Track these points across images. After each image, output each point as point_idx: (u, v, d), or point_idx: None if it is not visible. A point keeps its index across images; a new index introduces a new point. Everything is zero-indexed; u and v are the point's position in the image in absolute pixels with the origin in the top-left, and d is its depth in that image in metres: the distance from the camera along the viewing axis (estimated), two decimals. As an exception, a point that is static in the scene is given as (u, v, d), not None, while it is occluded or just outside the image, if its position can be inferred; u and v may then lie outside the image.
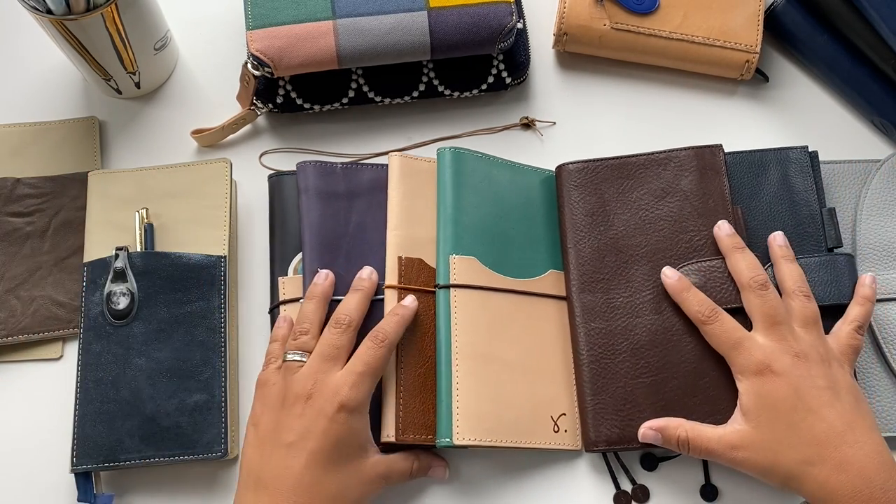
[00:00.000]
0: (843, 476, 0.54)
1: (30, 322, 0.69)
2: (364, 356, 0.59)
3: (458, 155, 0.69)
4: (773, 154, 0.70)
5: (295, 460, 0.55)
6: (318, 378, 0.58)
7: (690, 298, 0.62)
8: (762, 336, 0.59)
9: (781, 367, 0.57)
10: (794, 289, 0.61)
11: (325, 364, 0.58)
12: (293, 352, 0.60)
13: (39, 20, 0.65)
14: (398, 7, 0.70)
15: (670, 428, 0.60)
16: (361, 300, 0.62)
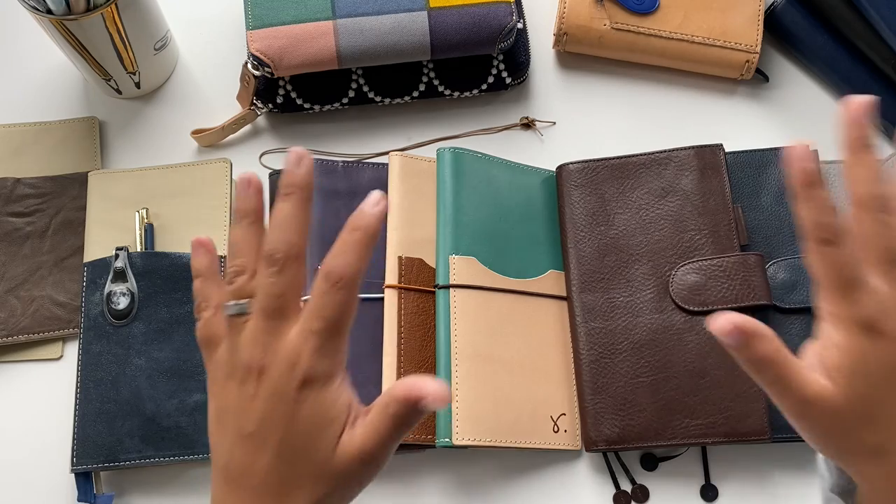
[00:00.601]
0: None
1: (30, 322, 0.68)
2: (319, 307, 0.42)
3: (458, 155, 0.69)
4: (774, 153, 0.70)
5: (258, 456, 0.43)
6: (266, 343, 0.42)
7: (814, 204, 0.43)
8: (878, 278, 0.42)
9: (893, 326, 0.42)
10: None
11: (270, 323, 0.42)
12: (231, 303, 0.44)
13: (39, 20, 0.65)
14: (398, 7, 0.70)
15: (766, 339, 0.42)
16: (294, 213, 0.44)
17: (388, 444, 0.43)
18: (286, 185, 0.43)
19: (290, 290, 0.43)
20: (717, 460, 0.66)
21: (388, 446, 0.43)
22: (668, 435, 0.63)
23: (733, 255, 0.65)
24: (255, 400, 0.43)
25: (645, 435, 0.63)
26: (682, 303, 0.65)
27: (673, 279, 0.66)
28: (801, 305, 0.65)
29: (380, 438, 0.42)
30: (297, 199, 0.43)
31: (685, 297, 0.65)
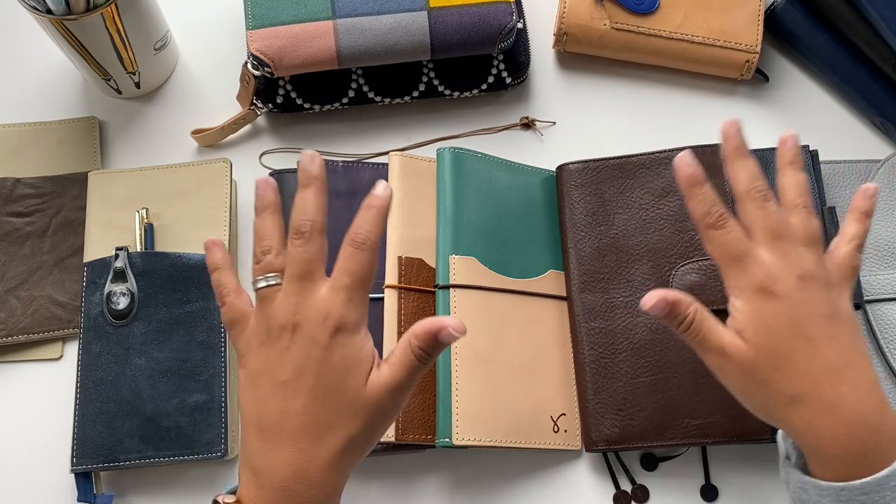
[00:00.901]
0: (834, 416, 0.49)
1: (30, 322, 0.68)
2: (347, 266, 0.48)
3: (458, 155, 0.69)
4: (774, 154, 0.69)
5: (293, 401, 0.47)
6: (299, 302, 0.48)
7: (700, 196, 0.52)
8: (764, 250, 0.51)
9: (784, 288, 0.50)
10: (797, 202, 0.53)
11: (300, 284, 0.48)
12: (262, 277, 0.50)
13: (39, 20, 0.65)
14: (398, 7, 0.70)
15: (683, 304, 0.51)
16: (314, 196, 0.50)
17: (413, 376, 0.48)
18: (304, 178, 0.50)
19: (316, 257, 0.49)
20: (717, 460, 0.66)
21: (412, 379, 0.49)
22: (669, 435, 0.63)
23: (733, 255, 0.65)
24: (290, 351, 0.48)
25: (645, 435, 0.63)
26: (683, 303, 0.65)
27: (673, 279, 0.66)
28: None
29: (405, 371, 0.48)
30: (315, 188, 0.50)
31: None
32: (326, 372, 0.47)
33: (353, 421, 0.48)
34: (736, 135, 0.54)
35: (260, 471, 0.48)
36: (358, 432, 0.48)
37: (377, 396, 0.48)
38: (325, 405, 0.47)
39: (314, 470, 0.47)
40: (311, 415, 0.47)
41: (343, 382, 0.47)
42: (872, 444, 0.48)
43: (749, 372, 0.51)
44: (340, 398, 0.47)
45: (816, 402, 0.49)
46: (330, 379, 0.47)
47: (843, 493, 0.48)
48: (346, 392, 0.47)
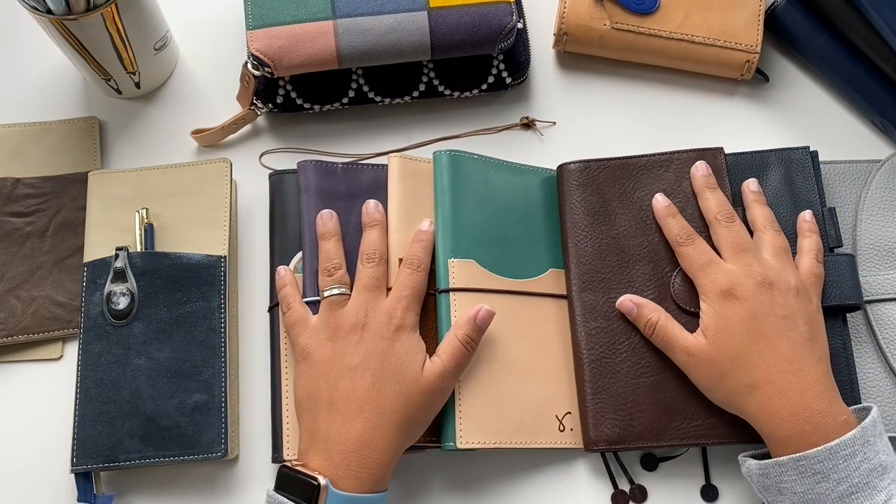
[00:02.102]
0: (784, 400, 0.57)
1: (30, 322, 0.68)
2: (406, 282, 0.63)
3: (455, 157, 0.69)
4: (775, 155, 0.70)
5: (361, 381, 0.58)
6: (368, 307, 0.61)
7: (673, 223, 0.66)
8: (730, 262, 0.62)
9: (744, 292, 0.60)
10: (765, 225, 0.65)
11: (370, 294, 0.62)
12: (333, 287, 0.63)
13: (39, 20, 0.65)
14: (398, 7, 0.70)
15: (647, 308, 0.64)
16: (381, 233, 0.65)
17: (459, 362, 0.61)
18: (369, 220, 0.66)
19: (382, 275, 0.64)
20: (717, 460, 0.66)
21: (459, 365, 0.61)
22: (669, 435, 0.63)
23: (733, 256, 0.65)
24: (360, 343, 0.60)
25: (645, 435, 0.63)
26: (683, 304, 0.65)
27: (673, 280, 0.66)
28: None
29: (453, 358, 0.61)
30: (379, 227, 0.66)
31: (686, 298, 0.65)
32: (390, 359, 0.59)
33: (412, 401, 0.59)
34: (704, 172, 0.67)
35: (329, 438, 0.57)
36: (415, 411, 0.59)
37: (431, 380, 0.60)
38: (389, 385, 0.58)
39: (378, 437, 0.57)
40: (377, 391, 0.58)
41: (403, 368, 0.59)
42: (820, 425, 0.56)
43: (711, 365, 0.61)
44: (401, 381, 0.59)
45: (768, 387, 0.58)
46: (393, 365, 0.59)
47: (800, 464, 0.55)
48: (406, 377, 0.59)
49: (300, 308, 0.63)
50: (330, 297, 0.62)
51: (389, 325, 0.60)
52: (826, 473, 0.55)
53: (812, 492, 0.55)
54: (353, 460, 0.56)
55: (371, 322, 0.60)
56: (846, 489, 0.54)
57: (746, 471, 0.59)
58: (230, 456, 0.64)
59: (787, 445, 0.57)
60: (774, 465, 0.57)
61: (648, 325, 0.64)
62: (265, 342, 0.68)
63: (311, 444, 0.58)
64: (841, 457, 0.55)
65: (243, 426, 0.67)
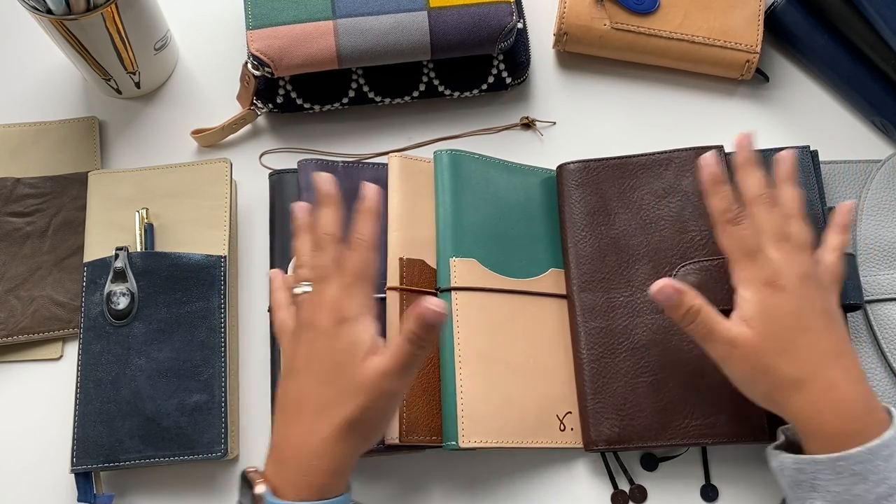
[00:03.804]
0: (831, 396, 0.54)
1: (30, 322, 0.68)
2: (348, 265, 0.55)
3: (455, 157, 0.69)
4: (775, 154, 0.69)
5: (304, 384, 0.54)
6: (314, 302, 0.56)
7: (723, 193, 0.59)
8: (773, 250, 0.58)
9: (789, 284, 0.56)
10: (795, 213, 0.60)
11: (317, 287, 0.56)
12: (296, 286, 0.58)
13: (39, 20, 0.65)
14: (398, 7, 0.70)
15: (690, 295, 0.57)
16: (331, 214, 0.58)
17: (406, 361, 0.53)
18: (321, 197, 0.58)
19: (327, 263, 0.56)
20: (717, 460, 0.66)
21: (406, 365, 0.53)
22: (669, 435, 0.63)
23: (733, 256, 0.65)
24: (305, 343, 0.55)
25: (645, 435, 0.63)
26: (683, 303, 0.65)
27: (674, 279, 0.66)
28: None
29: (398, 355, 0.53)
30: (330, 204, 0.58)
31: (685, 297, 0.65)
32: (329, 357, 0.54)
33: (352, 401, 0.52)
34: (748, 146, 0.61)
35: (277, 444, 0.54)
36: (356, 412, 0.52)
37: (372, 378, 0.53)
38: (329, 385, 0.53)
39: (317, 442, 0.52)
40: (316, 394, 0.53)
41: (343, 366, 0.53)
42: (863, 423, 0.53)
43: (754, 357, 0.56)
44: (341, 379, 0.53)
45: (815, 383, 0.54)
46: (332, 363, 0.53)
47: (839, 464, 0.52)
48: (345, 375, 0.53)
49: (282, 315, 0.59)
50: (297, 296, 0.58)
51: (331, 319, 0.54)
52: (865, 475, 0.52)
53: (849, 492, 0.52)
54: (291, 467, 0.52)
55: (315, 318, 0.55)
56: (885, 491, 0.51)
57: (779, 465, 0.56)
58: (230, 456, 0.64)
59: (829, 445, 0.53)
60: (811, 462, 0.53)
61: (691, 312, 0.57)
62: (265, 342, 0.68)
63: (269, 450, 0.55)
64: (881, 457, 0.52)
65: (243, 426, 0.67)
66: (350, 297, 0.55)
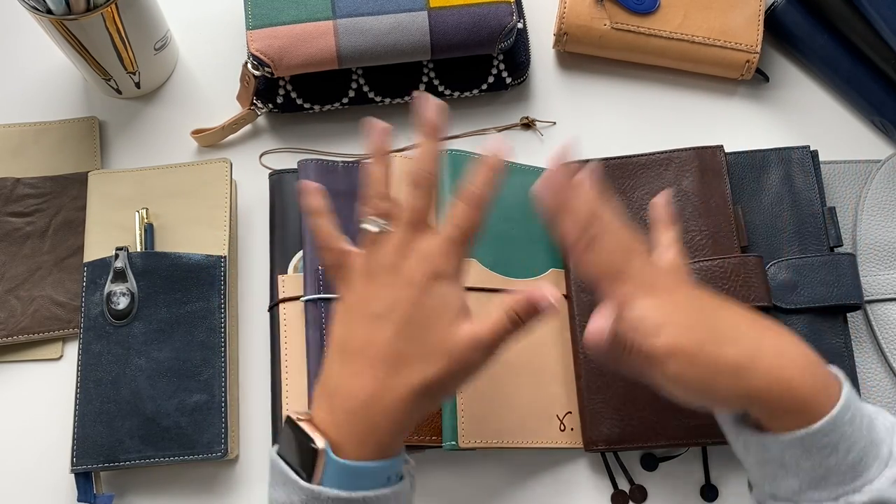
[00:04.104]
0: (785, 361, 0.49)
1: (30, 322, 0.68)
2: (457, 219, 0.52)
3: (456, 157, 0.69)
4: (775, 154, 0.70)
5: (380, 332, 0.50)
6: (405, 247, 0.51)
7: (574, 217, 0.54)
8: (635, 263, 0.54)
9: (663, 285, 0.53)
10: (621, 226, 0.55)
11: (411, 233, 0.52)
12: (374, 220, 0.53)
13: (39, 20, 0.65)
14: (398, 7, 0.70)
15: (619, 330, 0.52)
16: (434, 150, 0.53)
17: (498, 336, 0.50)
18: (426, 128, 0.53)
19: (428, 207, 0.52)
20: (717, 460, 0.66)
21: (498, 339, 0.50)
22: (668, 435, 0.63)
23: (733, 257, 0.65)
24: (388, 287, 0.51)
25: (645, 435, 0.63)
26: (683, 303, 0.65)
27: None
28: (802, 306, 0.65)
29: (492, 329, 0.50)
30: (434, 138, 0.53)
31: (685, 297, 0.65)
32: (417, 312, 0.50)
33: (433, 363, 0.49)
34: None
35: (335, 392, 0.50)
36: (434, 376, 0.49)
37: (460, 345, 0.50)
38: (410, 342, 0.49)
39: (387, 401, 0.49)
40: (394, 348, 0.49)
41: (430, 325, 0.50)
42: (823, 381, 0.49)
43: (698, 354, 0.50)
44: (425, 338, 0.50)
45: (766, 353, 0.50)
46: (419, 319, 0.50)
47: (805, 441, 0.48)
48: (432, 334, 0.50)
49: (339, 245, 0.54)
50: (367, 231, 0.53)
51: (425, 272, 0.50)
52: (834, 445, 0.48)
53: (822, 466, 0.48)
54: (357, 423, 0.48)
55: (405, 265, 0.51)
56: (856, 456, 0.48)
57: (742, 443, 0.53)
58: (230, 456, 0.64)
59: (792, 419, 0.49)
60: (775, 442, 0.49)
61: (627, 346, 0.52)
62: (265, 342, 0.68)
63: (320, 393, 0.51)
64: (845, 422, 0.48)
65: (243, 426, 0.67)
66: (448, 255, 0.51)
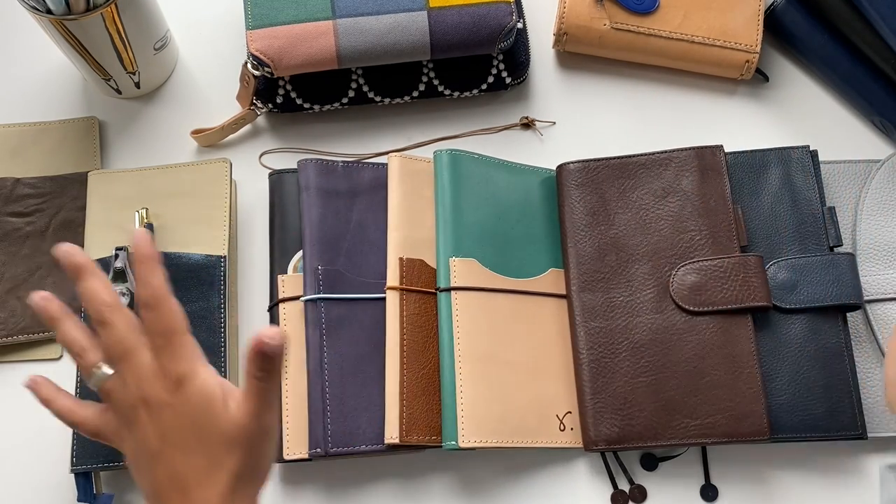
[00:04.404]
0: None
1: (30, 322, 0.68)
2: (154, 328, 0.50)
3: (455, 157, 0.69)
4: (775, 154, 0.70)
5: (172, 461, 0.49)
6: (134, 379, 0.50)
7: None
8: None
9: None
10: None
11: (126, 364, 0.50)
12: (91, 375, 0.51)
13: (39, 20, 0.65)
14: (398, 7, 0.70)
15: None
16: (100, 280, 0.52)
17: (264, 398, 0.49)
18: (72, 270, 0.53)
19: (125, 334, 0.50)
20: (717, 460, 0.66)
21: (266, 401, 0.49)
22: (668, 435, 0.63)
23: (733, 257, 0.65)
24: (149, 424, 0.49)
25: (645, 435, 0.63)
26: (683, 303, 0.65)
27: (673, 279, 0.66)
28: (802, 306, 0.65)
29: (254, 396, 0.49)
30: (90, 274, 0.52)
31: (685, 297, 0.65)
32: (187, 422, 0.49)
33: (230, 456, 0.49)
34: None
35: None
36: (239, 465, 0.49)
37: (240, 424, 0.49)
38: (198, 453, 0.49)
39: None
40: (191, 465, 0.49)
41: (203, 427, 0.49)
42: None
43: None
44: (208, 440, 0.49)
45: None
46: (191, 429, 0.49)
47: None
48: (213, 431, 0.49)
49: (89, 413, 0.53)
50: (98, 387, 0.51)
51: (166, 387, 0.49)
52: None
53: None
54: None
55: (147, 393, 0.49)
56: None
57: None
58: (230, 456, 0.64)
59: None
60: None
61: None
62: (265, 342, 0.68)
63: None
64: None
65: (243, 426, 0.67)
66: (173, 355, 0.50)
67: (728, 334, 0.64)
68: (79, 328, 0.53)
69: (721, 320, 0.65)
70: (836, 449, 0.61)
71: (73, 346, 0.52)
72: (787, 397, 0.63)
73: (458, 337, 0.64)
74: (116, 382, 0.51)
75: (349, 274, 0.66)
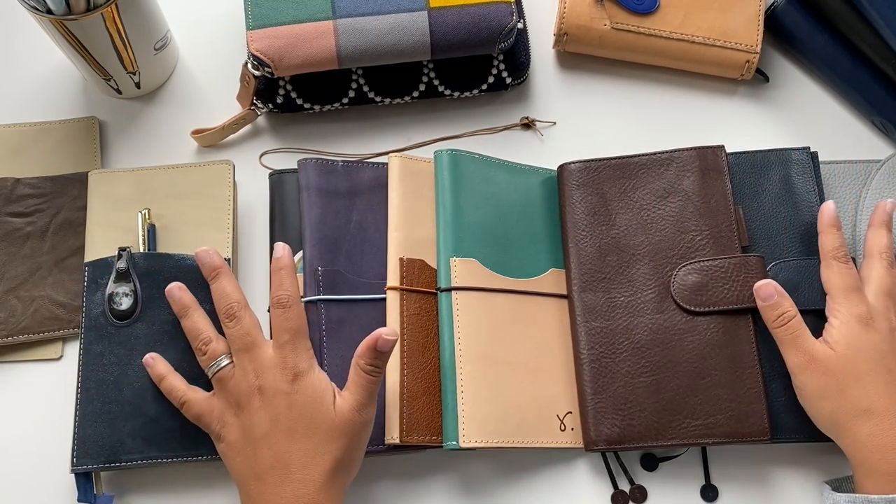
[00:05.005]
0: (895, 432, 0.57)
1: (30, 322, 0.68)
2: (281, 325, 0.59)
3: (456, 157, 0.69)
4: (775, 155, 0.70)
5: (277, 446, 0.56)
6: (254, 368, 0.58)
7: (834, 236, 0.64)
8: (872, 296, 0.62)
9: (881, 327, 0.60)
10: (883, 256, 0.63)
11: (250, 354, 0.59)
12: (211, 364, 0.60)
13: (39, 20, 0.65)
14: (398, 7, 0.70)
15: (787, 302, 0.61)
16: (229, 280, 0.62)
17: (370, 392, 0.58)
18: (208, 271, 0.63)
19: (251, 329, 0.60)
20: (717, 460, 0.66)
21: (371, 395, 0.58)
22: (669, 435, 0.63)
23: (734, 257, 0.65)
24: (261, 409, 0.57)
25: (645, 435, 0.63)
26: (684, 303, 0.65)
27: (674, 279, 0.66)
28: (803, 307, 0.64)
29: (362, 389, 0.57)
30: (222, 274, 0.62)
31: (686, 297, 0.65)
32: (297, 413, 0.56)
33: (335, 443, 0.56)
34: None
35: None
36: (341, 452, 0.57)
37: (348, 418, 0.57)
38: (306, 438, 0.56)
39: (312, 492, 0.55)
40: (296, 450, 0.56)
41: (314, 417, 0.56)
42: None
43: (831, 376, 0.59)
44: (316, 429, 0.56)
45: (885, 417, 0.57)
46: (301, 417, 0.56)
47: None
48: (320, 423, 0.56)
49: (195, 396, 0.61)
50: (214, 374, 0.60)
51: (285, 378, 0.57)
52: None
53: None
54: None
55: (264, 382, 0.57)
56: None
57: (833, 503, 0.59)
58: (231, 456, 0.64)
59: (884, 484, 0.56)
60: (865, 501, 0.56)
61: (784, 317, 0.61)
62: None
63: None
64: None
65: (244, 426, 0.67)
66: (295, 351, 0.58)
67: (729, 334, 0.64)
68: (206, 320, 0.62)
69: (722, 320, 0.65)
70: (836, 449, 0.61)
71: (200, 335, 0.61)
72: (788, 398, 0.63)
73: (459, 337, 0.64)
74: (233, 371, 0.59)
75: (349, 274, 0.66)
